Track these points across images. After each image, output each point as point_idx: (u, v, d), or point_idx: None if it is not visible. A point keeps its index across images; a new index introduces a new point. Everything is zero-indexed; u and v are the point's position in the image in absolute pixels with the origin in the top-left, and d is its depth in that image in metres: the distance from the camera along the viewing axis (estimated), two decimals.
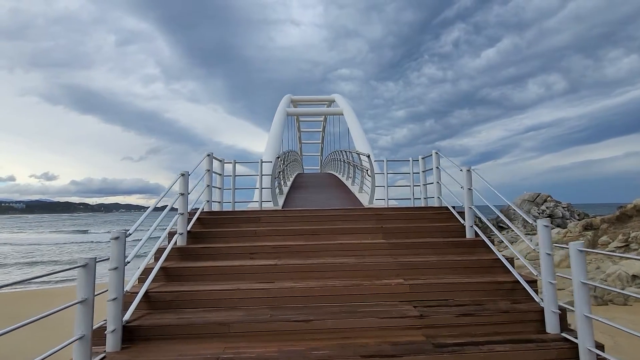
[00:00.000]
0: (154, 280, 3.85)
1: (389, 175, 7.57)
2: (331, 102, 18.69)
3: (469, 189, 5.11)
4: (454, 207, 5.85)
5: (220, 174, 6.84)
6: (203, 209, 5.79)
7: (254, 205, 7.60)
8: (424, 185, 7.12)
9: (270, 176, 7.79)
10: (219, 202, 6.77)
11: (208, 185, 6.10)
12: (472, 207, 5.12)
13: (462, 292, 3.86)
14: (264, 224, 5.45)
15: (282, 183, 10.90)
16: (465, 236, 5.12)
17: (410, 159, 7.51)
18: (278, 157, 8.06)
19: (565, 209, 37.85)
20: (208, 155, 6.13)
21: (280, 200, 8.44)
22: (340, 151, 14.03)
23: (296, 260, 4.41)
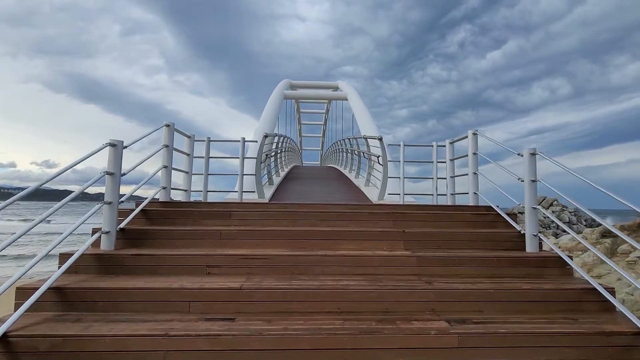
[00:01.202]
0: (32, 309, 2.28)
1: (406, 164, 5.95)
2: (335, 89, 17.03)
3: (533, 180, 3.53)
4: (497, 206, 4.28)
5: (187, 154, 5.24)
6: (154, 199, 4.21)
7: (232, 197, 6.01)
8: (451, 177, 5.52)
9: (255, 159, 6.19)
10: (185, 191, 5.18)
11: (165, 167, 4.51)
12: (537, 207, 3.53)
13: (546, 349, 2.29)
14: (235, 222, 3.86)
15: (275, 172, 9.30)
16: (524, 249, 3.54)
17: (434, 143, 5.91)
18: (266, 135, 6.49)
19: (572, 213, 36.44)
20: (167, 125, 4.54)
21: (268, 192, 6.87)
22: (343, 140, 12.39)
23: (274, 280, 2.84)
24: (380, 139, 6.12)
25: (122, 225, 3.43)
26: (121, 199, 3.42)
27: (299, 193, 7.44)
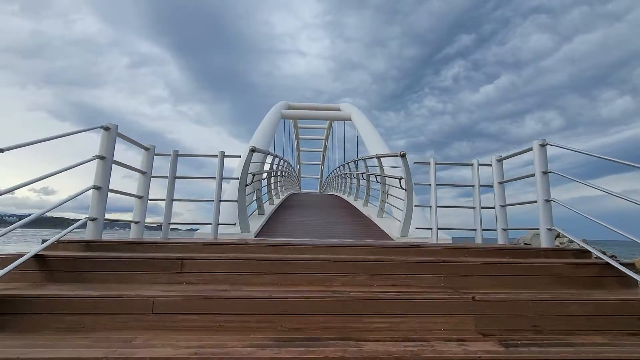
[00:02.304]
0: None
1: (438, 189, 4.47)
2: (336, 112, 15.84)
3: None
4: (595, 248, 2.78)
5: (142, 172, 3.78)
6: (75, 239, 2.69)
7: (205, 233, 4.48)
8: (502, 206, 4.05)
9: (239, 181, 4.68)
10: (135, 223, 3.67)
11: (98, 188, 3.03)
12: None
13: None
14: (187, 278, 2.33)
15: (268, 199, 7.78)
16: None
17: (476, 161, 4.48)
18: (253, 150, 4.74)
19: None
20: (106, 128, 3.10)
21: (256, 224, 5.35)
22: (347, 163, 10.97)
23: None
24: (403, 156, 4.70)
25: None
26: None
27: (295, 225, 5.90)
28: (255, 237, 4.68)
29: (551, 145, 3.45)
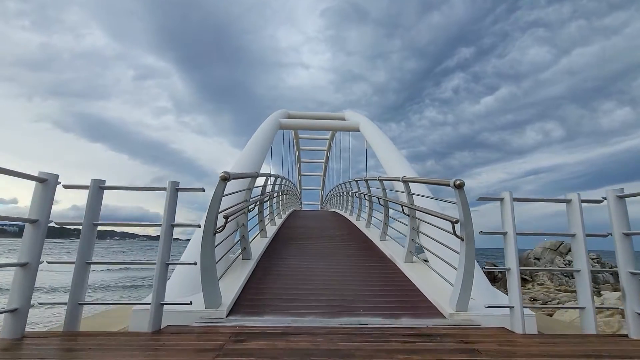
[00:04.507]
0: None
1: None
2: (341, 120, 14.21)
3: None
4: None
5: (30, 221, 2.11)
6: None
7: (145, 310, 2.77)
8: (633, 274, 2.35)
9: (203, 228, 2.96)
10: (12, 312, 1.98)
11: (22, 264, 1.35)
12: None
13: None
14: None
15: (263, 227, 6.09)
16: None
17: (576, 195, 2.82)
18: (225, 179, 2.91)
19: (595, 260, 32.68)
20: (40, 180, 1.43)
21: (234, 283, 3.59)
22: (356, 181, 9.26)
23: None
24: (460, 187, 3.01)
25: None
26: None
27: (294, 282, 4.12)
28: (227, 316, 2.97)
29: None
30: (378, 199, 6.43)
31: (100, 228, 2.70)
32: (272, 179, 7.48)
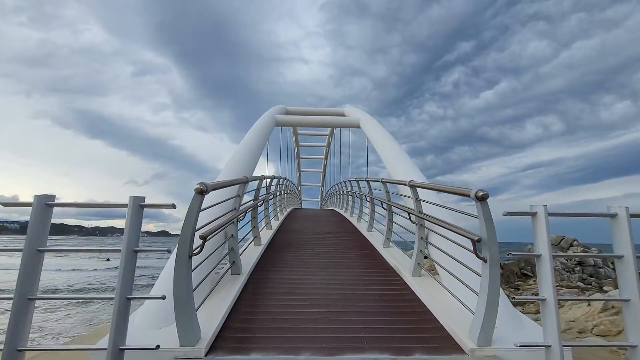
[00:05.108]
0: None
1: None
2: (340, 117, 13.66)
3: None
4: None
5: None
6: None
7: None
8: None
9: (176, 251, 2.48)
10: None
11: None
12: None
13: None
14: None
15: (257, 233, 5.61)
16: None
17: (625, 210, 2.33)
18: (202, 191, 2.41)
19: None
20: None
21: (218, 310, 3.09)
22: (357, 181, 8.77)
23: None
24: (483, 199, 2.52)
25: None
26: None
27: (288, 303, 3.60)
28: (207, 355, 2.49)
29: None
30: (381, 202, 5.94)
31: (100, 225, 2.23)
32: (267, 181, 6.99)
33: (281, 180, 10.61)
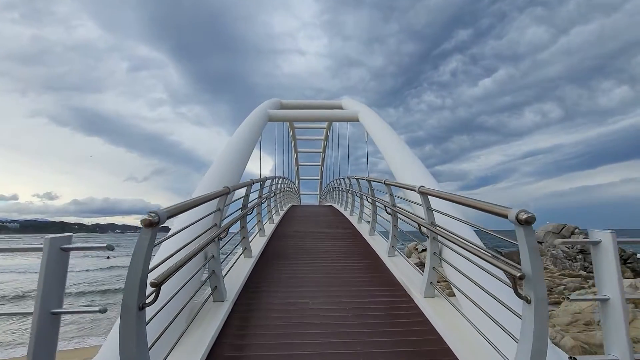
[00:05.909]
0: None
1: None
2: (338, 109, 12.97)
3: None
4: None
5: None
6: None
7: None
8: None
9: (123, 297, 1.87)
10: None
11: None
12: None
13: None
14: None
15: (247, 244, 5.00)
16: None
17: None
18: (151, 224, 1.77)
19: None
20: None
21: (194, 356, 2.52)
22: (357, 180, 8.15)
23: None
24: (528, 223, 1.93)
25: None
26: None
27: (280, 340, 3.00)
28: None
29: None
30: (385, 206, 5.33)
31: (100, 222, 1.61)
32: (259, 184, 6.37)
33: (276, 180, 9.99)
